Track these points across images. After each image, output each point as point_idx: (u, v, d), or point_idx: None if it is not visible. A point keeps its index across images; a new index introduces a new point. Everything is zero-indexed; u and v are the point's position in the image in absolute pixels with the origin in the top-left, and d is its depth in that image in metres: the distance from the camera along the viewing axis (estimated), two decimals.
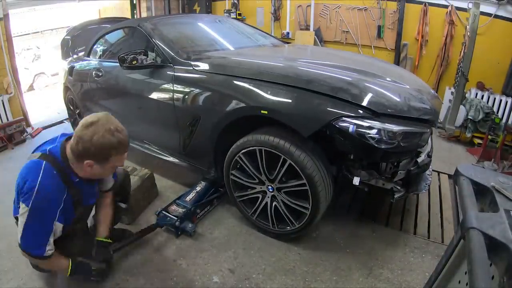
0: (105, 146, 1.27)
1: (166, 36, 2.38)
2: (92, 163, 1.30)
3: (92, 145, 1.25)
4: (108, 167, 1.37)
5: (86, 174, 1.37)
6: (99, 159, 1.30)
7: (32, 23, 10.33)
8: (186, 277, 1.71)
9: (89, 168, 1.32)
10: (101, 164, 1.33)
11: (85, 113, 3.25)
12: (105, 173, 1.43)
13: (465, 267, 0.77)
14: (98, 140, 1.25)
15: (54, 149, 1.37)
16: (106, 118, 1.30)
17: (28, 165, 1.34)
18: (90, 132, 1.25)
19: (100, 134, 1.25)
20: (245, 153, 1.84)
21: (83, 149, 1.27)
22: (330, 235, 2.01)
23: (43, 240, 1.32)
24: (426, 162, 1.87)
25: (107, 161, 1.33)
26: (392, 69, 2.43)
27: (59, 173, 1.32)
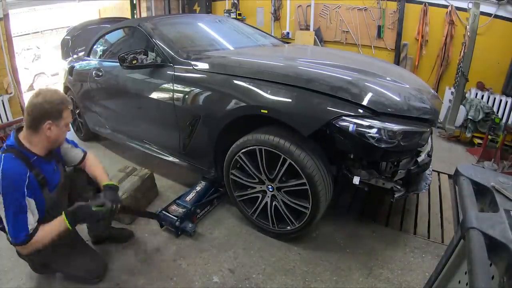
0: (56, 102, 1.43)
1: (166, 36, 2.37)
2: (50, 124, 1.42)
3: (46, 104, 1.41)
4: (63, 125, 1.48)
5: (44, 143, 1.46)
6: (54, 116, 1.43)
7: (32, 23, 10.34)
8: (186, 277, 1.71)
9: (48, 132, 1.43)
10: (57, 122, 1.44)
11: (86, 113, 3.25)
12: (61, 134, 1.52)
13: (465, 267, 0.77)
14: (49, 99, 1.42)
15: (8, 141, 1.45)
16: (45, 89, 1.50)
17: None
18: (40, 98, 1.42)
19: (48, 95, 1.44)
20: (245, 152, 1.84)
21: (39, 112, 1.40)
22: (330, 235, 2.01)
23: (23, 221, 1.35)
24: (426, 162, 1.86)
25: (61, 116, 1.46)
26: (392, 69, 2.43)
27: (17, 156, 1.38)
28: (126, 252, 1.87)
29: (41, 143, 1.46)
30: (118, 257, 1.83)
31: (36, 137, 1.44)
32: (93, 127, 3.26)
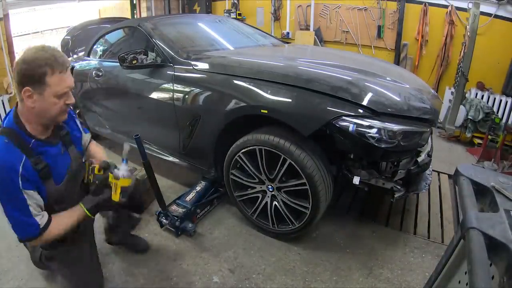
0: (37, 63, 1.11)
1: (166, 36, 2.37)
2: (29, 91, 1.12)
3: (24, 63, 1.10)
4: (49, 97, 1.15)
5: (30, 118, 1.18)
6: (35, 81, 1.12)
7: (32, 23, 10.33)
8: (186, 277, 1.71)
9: (29, 101, 1.13)
10: (39, 91, 1.13)
11: (85, 113, 3.25)
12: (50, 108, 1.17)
13: (465, 267, 0.77)
14: (30, 57, 1.11)
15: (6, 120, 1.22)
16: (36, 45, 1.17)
17: None
18: (24, 53, 1.13)
19: (32, 51, 1.13)
20: (245, 152, 1.84)
21: (18, 73, 1.12)
22: (330, 235, 2.01)
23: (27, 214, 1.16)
24: (426, 162, 1.87)
25: (44, 83, 1.13)
26: (392, 69, 2.43)
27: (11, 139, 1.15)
28: (126, 252, 1.87)
29: (30, 118, 1.18)
30: (118, 257, 1.83)
31: (23, 109, 1.17)
32: (93, 127, 3.26)
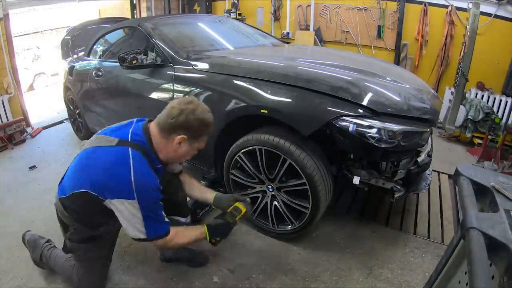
0: (204, 122, 1.31)
1: (166, 36, 2.37)
2: (184, 139, 1.30)
3: (195, 118, 1.28)
4: (194, 148, 1.37)
5: (170, 154, 1.35)
6: (193, 134, 1.32)
7: (32, 23, 10.34)
8: (186, 277, 1.71)
9: (177, 146, 1.31)
10: (191, 142, 1.33)
11: (85, 113, 3.25)
12: (187, 155, 1.39)
13: (465, 267, 0.77)
14: (200, 114, 1.29)
15: (134, 132, 1.31)
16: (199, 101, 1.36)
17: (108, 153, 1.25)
18: (193, 106, 1.29)
19: (200, 110, 1.30)
20: (245, 152, 1.84)
21: (184, 121, 1.27)
22: (330, 235, 2.01)
23: (162, 219, 1.31)
24: (426, 162, 1.86)
25: (198, 139, 1.35)
26: (392, 69, 2.43)
27: (145, 158, 1.27)
28: (126, 253, 1.87)
29: (164, 151, 1.34)
30: (118, 257, 1.83)
31: (163, 142, 1.32)
32: (93, 127, 3.26)
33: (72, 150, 3.39)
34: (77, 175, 1.31)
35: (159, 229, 1.30)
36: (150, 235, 1.27)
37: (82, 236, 1.44)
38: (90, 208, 1.32)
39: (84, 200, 1.28)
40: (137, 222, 1.24)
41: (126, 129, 1.33)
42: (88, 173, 1.26)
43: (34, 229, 2.06)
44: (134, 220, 1.24)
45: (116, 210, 1.25)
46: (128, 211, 1.22)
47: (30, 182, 2.74)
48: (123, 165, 1.21)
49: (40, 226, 2.10)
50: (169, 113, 1.30)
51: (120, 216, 1.25)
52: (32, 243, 1.72)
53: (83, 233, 1.43)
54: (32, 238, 1.74)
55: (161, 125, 1.31)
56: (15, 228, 2.10)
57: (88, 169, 1.27)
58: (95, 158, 1.27)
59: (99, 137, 1.35)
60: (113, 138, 1.28)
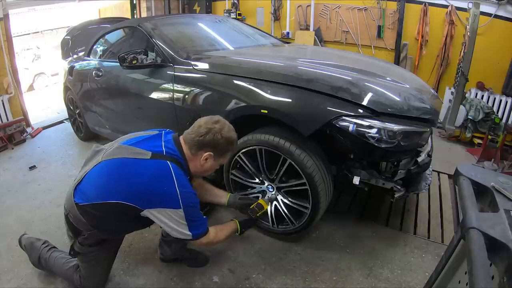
0: (230, 140, 1.39)
1: (166, 36, 2.37)
2: (211, 155, 1.38)
3: (222, 137, 1.36)
4: (218, 163, 1.46)
5: (196, 169, 1.43)
6: (219, 152, 1.40)
7: (32, 23, 10.34)
8: (186, 277, 1.71)
9: (203, 161, 1.39)
10: (216, 158, 1.41)
11: (85, 113, 3.25)
12: (211, 170, 1.47)
13: (465, 267, 0.76)
14: (227, 133, 1.38)
15: (167, 146, 1.37)
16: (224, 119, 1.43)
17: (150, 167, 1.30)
18: (219, 125, 1.37)
19: (227, 129, 1.39)
20: (245, 152, 1.84)
21: (212, 140, 1.35)
22: (330, 235, 2.01)
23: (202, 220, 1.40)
24: (426, 162, 1.86)
25: (223, 156, 1.43)
26: (392, 69, 2.43)
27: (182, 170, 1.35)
28: (126, 253, 1.87)
29: (193, 165, 1.42)
30: (118, 258, 1.82)
31: (190, 158, 1.40)
32: (93, 127, 3.26)
33: (72, 150, 3.39)
34: (109, 185, 1.31)
35: (201, 228, 1.40)
36: (196, 236, 1.37)
37: (96, 239, 1.44)
38: (121, 217, 1.36)
39: (117, 209, 1.30)
40: (183, 227, 1.32)
41: (157, 142, 1.38)
42: (124, 186, 1.29)
43: (34, 229, 2.07)
44: (180, 225, 1.32)
45: (157, 219, 1.31)
46: (173, 218, 1.30)
47: (30, 182, 2.74)
48: (167, 179, 1.27)
49: (40, 226, 2.10)
50: (197, 131, 1.36)
51: (163, 223, 1.32)
52: (28, 247, 1.71)
53: (98, 236, 1.43)
54: (29, 241, 1.73)
55: (189, 141, 1.38)
56: (15, 228, 2.10)
57: (123, 182, 1.29)
58: (131, 170, 1.30)
59: (127, 147, 1.36)
60: (145, 151, 1.32)
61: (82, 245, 1.45)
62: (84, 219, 1.36)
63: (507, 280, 0.62)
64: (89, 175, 1.37)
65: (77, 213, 1.36)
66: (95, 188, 1.34)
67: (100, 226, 1.39)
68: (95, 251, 1.47)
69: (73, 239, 1.49)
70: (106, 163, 1.35)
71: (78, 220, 1.38)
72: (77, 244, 1.47)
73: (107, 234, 1.45)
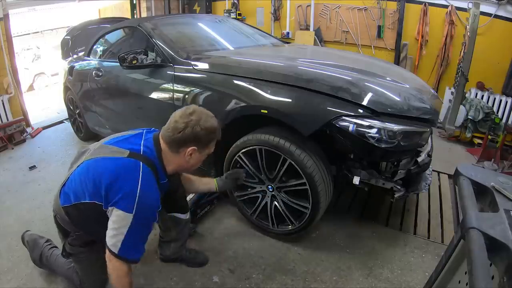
0: (210, 130, 1.31)
1: (166, 36, 2.37)
2: (194, 150, 1.30)
3: (202, 129, 1.28)
4: (205, 155, 1.38)
5: (182, 166, 1.36)
6: (202, 144, 1.32)
7: (32, 23, 10.34)
8: (186, 277, 1.71)
9: (188, 157, 1.31)
10: (200, 151, 1.34)
11: (85, 113, 3.25)
12: (198, 163, 1.40)
13: (465, 267, 0.76)
14: (206, 123, 1.29)
15: (146, 145, 1.30)
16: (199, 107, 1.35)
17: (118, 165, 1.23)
18: (196, 117, 1.28)
19: (204, 118, 1.30)
20: (245, 152, 1.84)
21: (192, 134, 1.27)
22: (330, 235, 2.01)
23: (143, 243, 1.27)
24: (426, 162, 1.86)
25: (207, 146, 1.35)
26: (392, 69, 2.43)
27: (153, 174, 1.26)
28: None
29: (174, 164, 1.34)
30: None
31: (173, 156, 1.31)
32: (93, 127, 3.26)
33: (72, 150, 3.39)
34: (83, 185, 1.28)
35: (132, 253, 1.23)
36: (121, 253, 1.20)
37: (84, 240, 1.44)
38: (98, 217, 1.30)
39: (92, 210, 1.26)
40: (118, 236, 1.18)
41: (137, 141, 1.32)
42: (96, 183, 1.23)
43: (34, 229, 2.06)
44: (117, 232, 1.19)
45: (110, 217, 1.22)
46: (119, 222, 1.18)
47: (30, 182, 2.74)
48: (132, 178, 1.20)
49: (40, 226, 2.10)
50: (174, 127, 1.28)
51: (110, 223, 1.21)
52: (31, 243, 1.72)
53: (85, 238, 1.43)
54: (32, 238, 1.74)
55: (168, 140, 1.29)
56: (15, 228, 2.10)
57: (95, 179, 1.24)
58: (104, 167, 1.24)
59: (107, 147, 1.33)
60: (124, 150, 1.27)
61: (72, 246, 1.45)
62: (69, 220, 1.36)
63: (507, 280, 0.62)
64: (72, 176, 1.35)
65: (63, 215, 1.36)
66: (74, 189, 1.32)
67: (83, 227, 1.38)
68: (85, 252, 1.46)
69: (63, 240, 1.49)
70: (86, 163, 1.32)
71: (65, 221, 1.38)
72: (67, 245, 1.47)
73: (92, 235, 1.42)
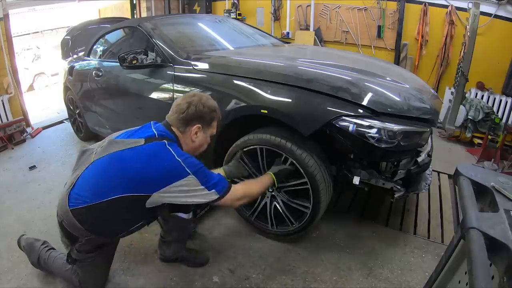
0: (212, 108, 1.43)
1: (166, 36, 2.37)
2: (199, 128, 1.41)
3: (204, 106, 1.40)
4: (209, 134, 1.49)
5: (189, 146, 1.44)
6: (206, 122, 1.43)
7: (32, 23, 10.34)
8: (186, 277, 1.71)
9: (194, 136, 1.42)
10: (205, 129, 1.45)
11: (85, 113, 3.25)
12: (204, 143, 1.50)
13: (465, 267, 0.76)
14: (207, 102, 1.42)
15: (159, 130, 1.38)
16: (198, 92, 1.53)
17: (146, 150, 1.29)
18: (197, 97, 1.42)
19: (205, 98, 1.44)
20: (245, 152, 1.83)
21: (195, 112, 1.38)
22: (330, 235, 2.01)
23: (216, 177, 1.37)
24: (426, 162, 1.86)
25: (211, 125, 1.47)
26: (392, 69, 2.43)
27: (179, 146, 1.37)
28: (126, 253, 1.87)
29: (185, 144, 1.43)
30: (118, 258, 1.82)
31: (182, 137, 1.42)
32: (93, 127, 3.26)
33: (72, 150, 3.38)
34: (107, 181, 1.27)
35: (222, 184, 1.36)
36: (221, 191, 1.34)
37: (94, 245, 1.42)
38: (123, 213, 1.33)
39: (119, 205, 1.27)
40: (203, 192, 1.30)
41: (148, 130, 1.40)
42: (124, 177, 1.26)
43: (34, 229, 2.07)
44: (199, 192, 1.29)
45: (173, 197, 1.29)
46: (188, 189, 1.28)
47: (30, 182, 2.74)
48: (166, 154, 1.27)
49: (40, 226, 2.10)
50: (178, 109, 1.40)
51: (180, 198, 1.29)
52: (28, 247, 1.70)
53: (96, 241, 1.41)
54: (28, 242, 1.72)
55: (175, 122, 1.40)
56: (15, 228, 2.10)
57: (121, 173, 1.27)
58: (131, 158, 1.28)
59: (118, 141, 1.35)
60: (139, 139, 1.32)
61: (79, 252, 1.44)
62: (80, 224, 1.32)
63: (507, 280, 0.62)
64: (82, 178, 1.33)
65: (72, 219, 1.32)
66: (90, 188, 1.31)
67: (97, 229, 1.36)
68: (93, 257, 1.45)
69: (69, 247, 1.47)
70: (100, 161, 1.32)
71: (74, 226, 1.34)
72: (75, 251, 1.45)
73: (105, 236, 1.42)
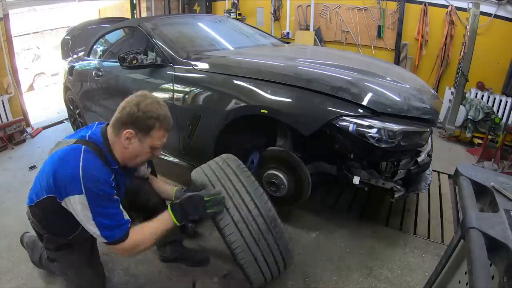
0: (150, 114, 1.18)
1: (166, 36, 2.37)
2: (132, 134, 1.19)
3: (139, 110, 1.17)
4: (146, 146, 1.23)
5: (123, 153, 1.24)
6: (140, 128, 1.19)
7: (32, 23, 10.35)
8: (186, 277, 1.70)
9: (126, 142, 1.20)
10: (140, 137, 1.20)
11: (85, 113, 3.25)
12: (140, 153, 1.25)
13: (465, 267, 0.76)
14: (146, 106, 1.18)
15: (93, 132, 1.25)
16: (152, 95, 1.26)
17: (62, 152, 1.18)
18: (138, 98, 1.20)
19: (148, 102, 1.20)
20: None
21: (128, 114, 1.18)
22: (330, 235, 2.01)
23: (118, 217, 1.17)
24: (426, 162, 1.86)
25: (149, 134, 1.20)
26: (392, 69, 2.44)
27: (98, 155, 1.18)
28: None
29: (117, 150, 1.24)
30: (118, 257, 1.83)
31: (115, 140, 1.23)
32: None
33: None
34: (41, 182, 1.23)
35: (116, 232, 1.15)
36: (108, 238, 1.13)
37: (56, 244, 1.39)
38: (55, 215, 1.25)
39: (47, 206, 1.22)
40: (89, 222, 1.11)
41: (86, 131, 1.29)
42: (48, 176, 1.17)
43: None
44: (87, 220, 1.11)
45: (72, 210, 1.14)
46: (80, 208, 1.11)
47: (30, 182, 2.68)
48: (74, 160, 1.13)
49: None
50: (118, 108, 1.22)
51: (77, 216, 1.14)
52: (30, 245, 1.71)
53: (56, 241, 1.38)
54: (31, 240, 1.73)
55: (113, 122, 1.23)
56: (15, 228, 2.09)
57: (47, 172, 1.18)
58: (51, 159, 1.21)
59: (60, 142, 1.30)
60: (70, 140, 1.24)
61: (48, 250, 1.42)
62: (36, 221, 1.34)
63: (507, 280, 0.62)
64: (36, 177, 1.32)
65: (31, 216, 1.34)
66: (35, 188, 1.30)
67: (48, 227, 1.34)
68: (65, 257, 1.41)
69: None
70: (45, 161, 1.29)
71: (33, 223, 1.36)
72: (46, 250, 1.44)
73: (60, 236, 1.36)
